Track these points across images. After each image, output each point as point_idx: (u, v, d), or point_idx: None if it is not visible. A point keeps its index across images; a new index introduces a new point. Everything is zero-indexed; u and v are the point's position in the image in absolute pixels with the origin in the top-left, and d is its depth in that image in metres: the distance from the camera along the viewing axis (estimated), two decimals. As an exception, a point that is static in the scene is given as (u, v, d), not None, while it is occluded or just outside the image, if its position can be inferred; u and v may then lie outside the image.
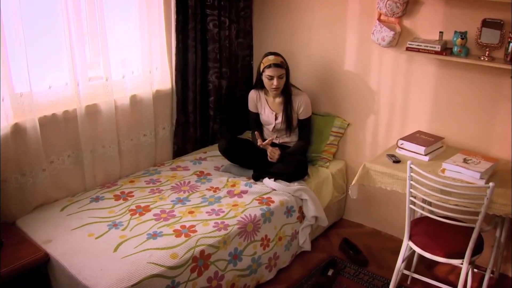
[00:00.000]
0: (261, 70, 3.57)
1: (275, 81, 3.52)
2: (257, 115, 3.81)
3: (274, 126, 3.72)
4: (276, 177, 3.54)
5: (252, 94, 3.78)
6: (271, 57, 3.52)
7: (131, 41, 3.49)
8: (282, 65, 3.52)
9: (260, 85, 3.69)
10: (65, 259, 2.65)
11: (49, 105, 3.12)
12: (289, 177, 3.54)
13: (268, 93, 3.71)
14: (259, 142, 3.56)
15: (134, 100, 3.59)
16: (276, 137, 3.78)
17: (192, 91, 3.90)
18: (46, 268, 2.75)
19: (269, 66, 3.50)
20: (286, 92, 3.64)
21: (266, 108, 3.74)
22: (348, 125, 3.92)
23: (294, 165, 3.57)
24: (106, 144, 3.46)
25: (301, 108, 3.66)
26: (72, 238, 2.82)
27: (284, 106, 3.65)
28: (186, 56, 3.81)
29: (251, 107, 3.82)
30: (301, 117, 3.70)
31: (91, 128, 3.35)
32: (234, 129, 4.35)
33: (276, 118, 3.71)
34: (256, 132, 3.65)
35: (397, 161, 3.11)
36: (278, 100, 3.69)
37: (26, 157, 3.03)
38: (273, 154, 3.56)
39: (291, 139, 3.78)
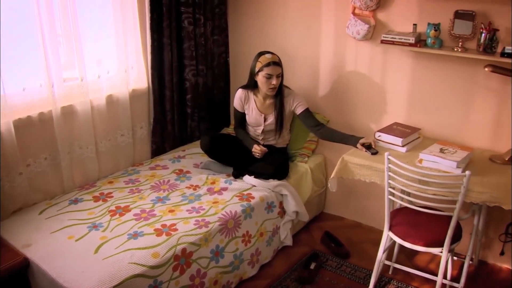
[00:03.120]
0: (257, 69, 3.46)
1: (274, 80, 3.42)
2: (242, 114, 3.73)
3: (264, 128, 3.65)
4: (256, 176, 3.52)
5: (240, 93, 3.68)
6: (268, 56, 3.44)
7: (106, 40, 3.46)
8: (280, 64, 3.46)
9: (253, 86, 3.58)
10: (46, 262, 2.62)
11: (24, 107, 3.08)
12: (270, 177, 3.52)
13: (257, 94, 3.62)
14: (254, 148, 3.59)
15: (110, 100, 3.56)
16: (262, 138, 3.72)
17: (169, 89, 3.88)
18: (26, 272, 2.71)
19: (268, 65, 3.40)
20: (279, 93, 3.56)
21: (254, 109, 3.65)
22: (328, 121, 3.93)
23: (274, 165, 3.55)
24: (83, 145, 3.43)
25: (295, 103, 3.56)
26: (52, 241, 2.79)
27: (277, 107, 3.57)
28: (161, 54, 3.79)
29: (237, 105, 3.72)
30: (301, 110, 3.56)
31: (68, 130, 3.31)
32: (212, 127, 4.34)
33: (265, 120, 3.64)
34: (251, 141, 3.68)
35: (374, 152, 3.13)
36: (269, 101, 3.61)
37: (2, 161, 2.98)
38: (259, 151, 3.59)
39: (275, 142, 3.73)
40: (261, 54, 3.48)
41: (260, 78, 3.47)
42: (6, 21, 2.87)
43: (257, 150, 3.58)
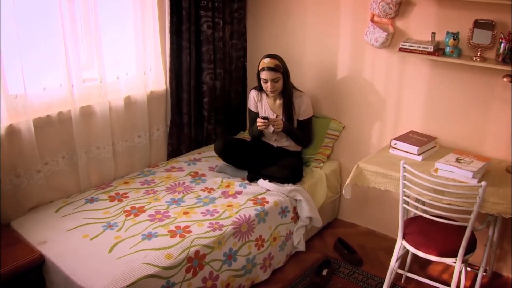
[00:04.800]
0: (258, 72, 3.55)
1: (269, 85, 3.49)
2: (256, 115, 3.75)
3: (274, 129, 3.66)
4: (271, 179, 3.53)
5: (253, 93, 3.75)
6: (266, 60, 3.49)
7: (126, 42, 3.50)
8: (277, 69, 3.48)
9: (260, 87, 3.64)
10: (60, 260, 2.66)
11: (44, 107, 3.13)
12: (284, 181, 3.53)
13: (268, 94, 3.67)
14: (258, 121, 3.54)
15: (128, 101, 3.59)
16: (275, 140, 3.75)
17: (186, 92, 3.91)
18: (41, 269, 2.75)
19: (262, 69, 3.48)
20: (286, 95, 3.59)
21: (267, 109, 3.70)
22: (343, 127, 3.93)
23: (289, 168, 3.56)
24: (100, 145, 3.46)
25: (301, 109, 3.63)
26: (67, 239, 2.83)
27: (285, 108, 3.62)
28: (180, 57, 3.82)
29: (251, 106, 3.78)
30: (301, 118, 3.67)
31: (86, 130, 3.36)
32: (228, 130, 4.36)
33: None
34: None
35: (264, 117, 3.46)
36: (279, 102, 3.66)
37: (21, 159, 3.03)
38: (277, 122, 3.54)
39: (289, 143, 3.74)
40: (263, 57, 3.54)
41: (261, 81, 3.55)
42: (29, 21, 2.92)
43: (260, 121, 3.53)
